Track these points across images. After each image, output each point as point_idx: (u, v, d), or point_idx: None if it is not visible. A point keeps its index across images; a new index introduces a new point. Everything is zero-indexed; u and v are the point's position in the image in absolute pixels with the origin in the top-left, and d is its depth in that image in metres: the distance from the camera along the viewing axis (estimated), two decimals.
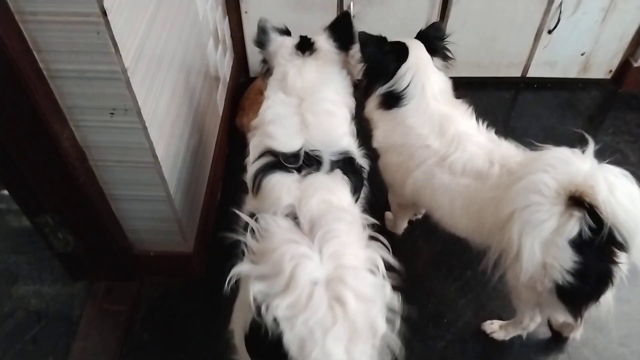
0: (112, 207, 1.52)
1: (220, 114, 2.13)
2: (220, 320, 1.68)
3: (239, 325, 1.07)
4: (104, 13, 1.06)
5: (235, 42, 2.38)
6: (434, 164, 1.46)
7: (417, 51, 1.52)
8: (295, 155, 1.23)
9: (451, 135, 1.44)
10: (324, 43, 1.53)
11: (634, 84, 2.50)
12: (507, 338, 1.65)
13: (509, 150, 1.41)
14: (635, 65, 2.43)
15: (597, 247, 1.16)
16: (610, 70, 2.51)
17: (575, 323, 1.57)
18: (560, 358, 1.65)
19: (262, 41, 1.56)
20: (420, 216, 1.95)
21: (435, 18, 2.26)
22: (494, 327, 1.66)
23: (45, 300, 1.73)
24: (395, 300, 1.02)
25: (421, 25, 2.26)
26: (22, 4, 1.05)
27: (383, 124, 1.55)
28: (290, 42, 1.52)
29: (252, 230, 1.05)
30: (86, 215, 1.48)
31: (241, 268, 1.00)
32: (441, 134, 1.46)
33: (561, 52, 2.41)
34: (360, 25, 2.23)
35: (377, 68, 1.52)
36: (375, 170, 1.59)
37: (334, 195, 1.17)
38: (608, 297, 1.32)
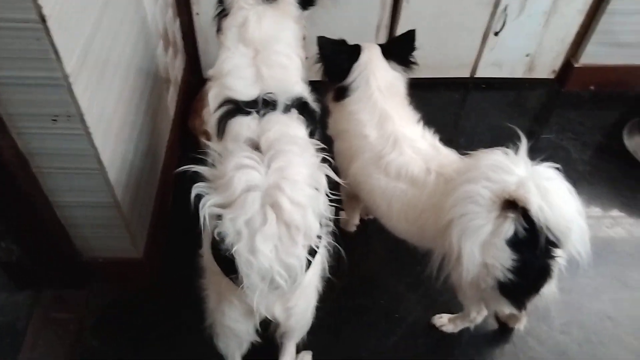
0: (58, 214, 1.49)
1: (172, 117, 2.11)
2: (171, 326, 1.69)
3: (206, 240, 1.16)
4: (43, 19, 1.04)
5: (186, 43, 2.35)
6: (370, 161, 1.51)
7: (370, 52, 1.58)
8: (253, 102, 1.31)
9: (389, 132, 1.49)
10: None
11: (576, 83, 2.61)
12: (456, 331, 1.71)
13: (447, 159, 1.44)
14: (577, 65, 2.53)
15: (533, 245, 1.22)
16: (554, 71, 2.61)
17: (520, 314, 1.65)
18: (506, 348, 1.73)
19: None
20: (372, 216, 1.99)
21: (386, 20, 2.30)
22: (443, 321, 1.72)
23: None
24: (329, 210, 1.11)
25: (372, 27, 2.33)
26: None
27: (334, 112, 1.64)
28: None
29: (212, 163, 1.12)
30: (30, 223, 1.45)
31: (198, 188, 1.06)
32: (379, 126, 1.51)
33: (507, 54, 2.49)
34: (312, 26, 2.27)
35: (333, 67, 1.60)
36: None
37: (290, 128, 1.26)
38: (552, 287, 1.39)
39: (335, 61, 1.59)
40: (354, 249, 1.90)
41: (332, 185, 1.16)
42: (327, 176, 1.15)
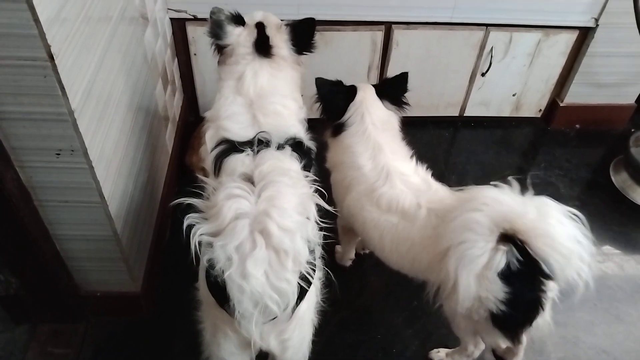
0: (58, 247, 1.51)
1: (170, 153, 2.16)
2: (169, 359, 1.67)
3: (202, 272, 1.17)
4: (51, 57, 1.09)
5: (184, 82, 2.42)
6: (363, 193, 1.55)
7: (364, 92, 1.65)
8: (249, 142, 1.37)
9: (381, 165, 1.54)
10: (282, 47, 1.61)
11: (562, 121, 2.70)
12: None
13: (437, 194, 1.48)
14: (562, 105, 2.63)
15: (525, 277, 1.24)
16: (540, 110, 2.70)
17: (517, 349, 1.65)
18: None
19: (217, 34, 1.61)
20: (367, 251, 2.01)
21: (377, 62, 2.39)
22: (441, 356, 1.72)
23: None
24: (318, 235, 1.13)
25: (364, 68, 2.42)
26: None
27: (332, 146, 1.70)
28: (248, 38, 1.58)
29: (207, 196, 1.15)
30: (30, 256, 1.46)
31: (189, 218, 1.08)
32: (373, 157, 1.56)
33: (494, 93, 2.58)
34: (307, 67, 2.35)
35: (330, 106, 1.67)
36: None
37: (283, 162, 1.30)
38: (546, 318, 1.39)
39: (332, 101, 1.65)
40: (350, 283, 1.92)
41: (324, 214, 1.18)
42: (318, 205, 1.17)
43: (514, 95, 2.60)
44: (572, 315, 1.90)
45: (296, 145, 1.40)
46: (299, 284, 1.08)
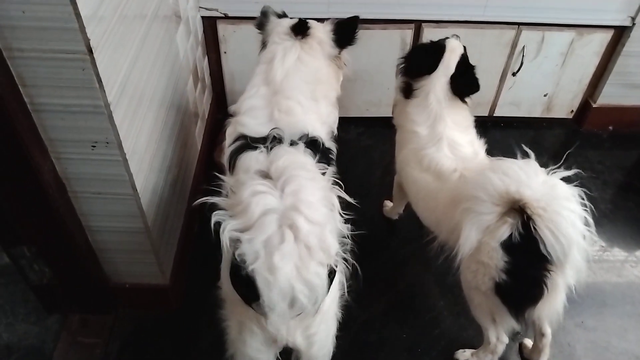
0: (90, 238, 1.54)
1: (199, 149, 2.18)
2: (194, 353, 1.69)
3: (225, 268, 1.16)
4: (90, 51, 1.12)
5: (214, 80, 2.45)
6: (412, 152, 1.65)
7: (437, 77, 1.66)
8: (263, 139, 1.38)
9: (438, 132, 1.61)
10: (321, 32, 1.64)
11: (595, 123, 2.64)
12: None
13: (477, 163, 1.54)
14: (595, 106, 2.57)
15: (525, 252, 1.30)
16: (572, 110, 2.65)
17: (541, 346, 1.64)
18: None
19: (261, 22, 1.69)
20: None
21: None
22: (466, 355, 1.71)
23: (17, 334, 1.70)
24: (346, 228, 1.14)
25: (393, 66, 2.40)
26: (11, 41, 1.10)
27: (398, 106, 1.81)
28: (288, 22, 1.64)
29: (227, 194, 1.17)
30: (63, 247, 1.49)
31: (216, 216, 1.08)
32: (431, 127, 1.62)
33: (525, 93, 2.55)
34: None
35: (412, 68, 1.73)
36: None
37: (298, 156, 1.30)
38: (557, 307, 1.42)
39: (418, 67, 1.71)
40: (375, 282, 1.91)
41: (346, 206, 1.19)
42: (340, 197, 1.18)
43: (545, 95, 2.56)
44: (603, 320, 1.86)
45: (310, 143, 1.40)
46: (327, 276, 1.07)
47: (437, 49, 1.69)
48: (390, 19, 2.26)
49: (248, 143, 1.38)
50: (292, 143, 1.36)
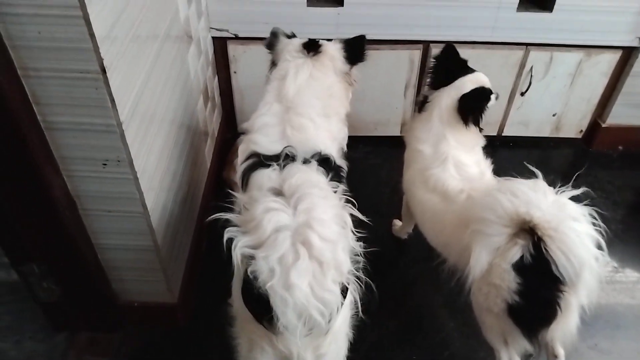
0: (99, 256, 1.54)
1: (208, 168, 2.19)
2: None
3: (236, 286, 1.16)
4: (104, 70, 1.13)
5: (224, 99, 2.48)
6: (418, 172, 1.64)
7: (447, 93, 1.66)
8: (276, 156, 1.38)
9: (442, 151, 1.60)
10: (332, 49, 1.66)
11: (604, 143, 2.63)
12: None
13: (484, 184, 1.53)
14: (604, 125, 2.57)
15: (538, 273, 1.28)
16: (581, 130, 2.65)
17: (533, 349, 1.61)
18: None
19: (271, 42, 1.71)
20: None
21: (414, 81, 2.39)
22: None
23: (25, 352, 1.70)
24: (359, 246, 1.14)
25: (401, 86, 2.42)
26: (26, 60, 1.13)
27: (409, 122, 1.83)
28: (298, 41, 1.66)
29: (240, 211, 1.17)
30: (73, 264, 1.50)
31: (229, 232, 1.09)
32: (435, 145, 1.62)
33: (534, 113, 2.55)
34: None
35: (438, 77, 1.71)
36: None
37: (310, 175, 1.31)
38: (571, 328, 1.39)
39: (442, 76, 1.69)
40: (385, 302, 1.89)
41: (358, 224, 1.19)
42: (352, 215, 1.19)
43: (554, 115, 2.56)
44: (617, 343, 1.82)
45: (323, 161, 1.41)
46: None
47: (462, 65, 1.70)
48: (398, 40, 2.28)
49: (261, 161, 1.38)
50: (305, 161, 1.37)
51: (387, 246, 2.13)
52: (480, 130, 1.68)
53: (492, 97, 1.71)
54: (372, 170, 2.48)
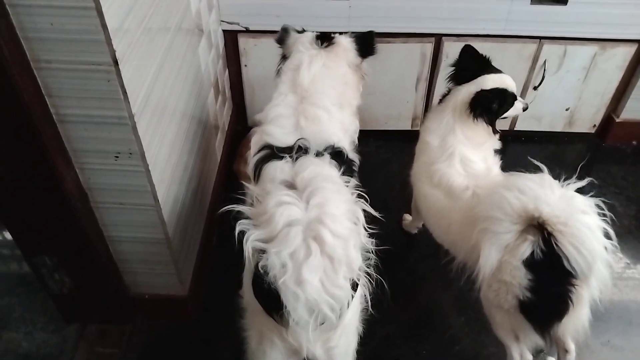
0: (111, 248, 1.54)
1: (219, 160, 2.19)
2: None
3: (247, 278, 1.17)
4: (116, 62, 1.13)
5: (234, 93, 2.47)
6: (424, 165, 1.63)
7: (466, 88, 1.64)
8: (289, 148, 1.38)
9: (448, 145, 1.58)
10: (345, 41, 1.67)
11: (618, 138, 2.60)
12: None
13: (491, 180, 1.51)
14: (618, 120, 2.53)
15: (549, 269, 1.27)
16: (594, 125, 2.61)
17: (545, 344, 1.60)
18: None
19: (282, 37, 1.72)
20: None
21: (425, 74, 2.37)
22: None
23: (36, 343, 1.71)
24: (370, 243, 1.13)
25: (413, 79, 2.40)
26: (39, 53, 1.12)
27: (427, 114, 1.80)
28: (310, 34, 1.67)
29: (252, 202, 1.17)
30: (84, 256, 1.50)
31: (241, 225, 1.08)
32: (442, 137, 1.60)
33: (546, 107, 2.52)
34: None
35: (458, 75, 1.70)
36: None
37: (323, 168, 1.30)
38: (583, 322, 1.39)
39: (462, 74, 1.68)
40: (395, 297, 1.88)
41: (370, 220, 1.18)
42: (364, 211, 1.18)
43: (567, 109, 2.53)
44: (629, 339, 1.81)
45: (335, 154, 1.41)
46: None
47: (485, 64, 1.69)
48: (410, 33, 2.25)
49: (274, 152, 1.38)
50: (318, 154, 1.36)
51: (397, 241, 2.12)
52: (495, 132, 1.66)
53: (518, 103, 1.70)
54: (383, 164, 2.47)
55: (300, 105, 1.50)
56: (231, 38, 2.28)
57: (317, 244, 1.03)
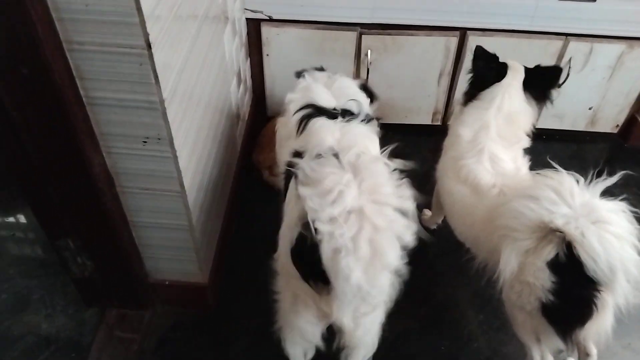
0: (134, 234, 1.55)
1: (239, 150, 2.18)
2: (233, 354, 1.69)
3: (285, 243, 1.19)
4: (149, 46, 1.12)
5: (255, 82, 2.46)
6: (451, 160, 1.61)
7: (512, 78, 1.64)
8: (333, 109, 1.43)
9: (479, 140, 1.56)
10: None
11: None
12: None
13: (518, 180, 1.49)
14: None
15: (573, 272, 1.24)
16: (617, 125, 2.58)
17: (566, 347, 1.59)
18: None
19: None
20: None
21: (449, 68, 2.35)
22: None
23: (56, 326, 1.72)
24: (410, 233, 1.13)
25: (435, 74, 2.38)
26: (72, 34, 1.12)
27: (455, 113, 1.78)
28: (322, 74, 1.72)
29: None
30: (108, 240, 1.50)
31: (298, 188, 1.11)
32: (476, 132, 1.59)
33: (569, 106, 2.48)
34: (376, 72, 2.33)
35: (477, 78, 1.70)
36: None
37: (369, 144, 1.35)
38: (606, 328, 1.36)
39: (482, 74, 1.67)
40: (414, 293, 1.86)
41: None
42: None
43: (590, 108, 2.50)
44: None
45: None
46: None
47: (496, 61, 1.67)
48: (435, 26, 2.23)
49: (319, 110, 1.41)
50: (367, 119, 1.40)
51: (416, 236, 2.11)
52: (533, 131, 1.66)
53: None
54: (401, 158, 2.45)
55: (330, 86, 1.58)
56: (254, 26, 2.27)
57: (372, 231, 1.05)
